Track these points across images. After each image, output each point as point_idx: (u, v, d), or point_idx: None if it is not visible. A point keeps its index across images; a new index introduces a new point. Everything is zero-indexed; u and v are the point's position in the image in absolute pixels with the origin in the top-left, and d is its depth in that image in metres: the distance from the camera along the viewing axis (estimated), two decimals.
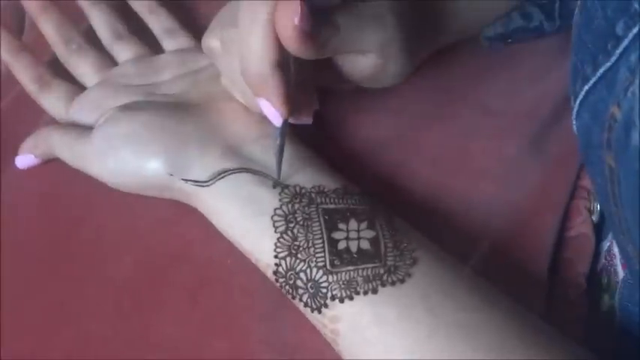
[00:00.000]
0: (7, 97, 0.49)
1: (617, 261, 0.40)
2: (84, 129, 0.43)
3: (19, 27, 0.54)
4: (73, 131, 0.43)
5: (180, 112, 0.41)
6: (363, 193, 0.38)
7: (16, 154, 0.45)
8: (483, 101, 0.47)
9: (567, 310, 0.40)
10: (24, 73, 0.47)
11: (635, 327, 0.38)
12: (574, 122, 0.38)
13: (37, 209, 0.44)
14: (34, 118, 0.47)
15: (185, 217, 0.42)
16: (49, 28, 0.48)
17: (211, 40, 0.39)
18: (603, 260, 0.42)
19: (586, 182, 0.44)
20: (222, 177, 0.38)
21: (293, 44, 0.33)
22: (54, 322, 0.40)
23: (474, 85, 0.47)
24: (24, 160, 0.45)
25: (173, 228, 0.42)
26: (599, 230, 0.43)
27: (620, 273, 0.40)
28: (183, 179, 0.39)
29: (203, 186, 0.39)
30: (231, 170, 0.38)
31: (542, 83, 0.47)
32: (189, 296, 0.40)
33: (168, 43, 0.48)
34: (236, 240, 0.38)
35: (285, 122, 0.37)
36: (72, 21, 0.49)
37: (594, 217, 0.43)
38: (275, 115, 0.36)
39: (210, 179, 0.38)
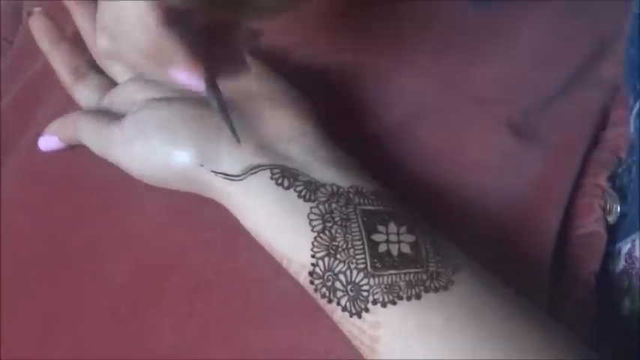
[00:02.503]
0: (7, 97, 0.49)
1: (639, 264, 0.40)
2: (115, 116, 0.42)
3: (16, 25, 0.54)
4: (103, 117, 0.42)
5: None
6: (398, 196, 0.37)
7: (15, 153, 0.45)
8: (476, 91, 0.46)
9: (576, 308, 0.41)
10: (61, 63, 0.45)
11: None
12: (632, 121, 0.37)
13: (33, 216, 0.44)
14: (34, 118, 0.47)
15: (182, 223, 0.41)
16: None
17: (101, 42, 0.34)
18: (623, 263, 0.42)
19: (601, 180, 0.44)
20: (255, 172, 0.37)
21: None
22: (51, 330, 0.39)
23: (466, 74, 0.47)
24: (47, 141, 0.44)
25: (169, 233, 0.41)
26: (615, 231, 0.43)
27: None
28: (213, 171, 0.37)
29: (234, 180, 0.37)
30: (264, 165, 0.37)
31: (535, 71, 0.47)
32: (187, 302, 0.39)
33: None
34: (266, 239, 0.37)
35: (211, 85, 0.33)
36: None
37: (611, 218, 0.43)
38: (192, 80, 0.32)
39: (242, 173, 0.37)
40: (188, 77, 0.32)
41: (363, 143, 0.44)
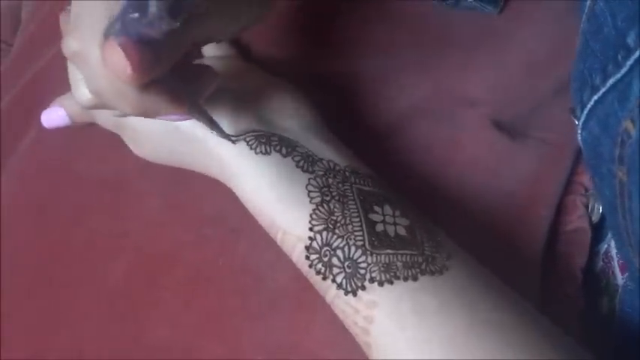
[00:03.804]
0: (7, 97, 0.49)
1: (615, 263, 0.41)
2: None
3: (15, 28, 0.54)
4: None
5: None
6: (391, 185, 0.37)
7: (15, 154, 0.44)
8: (470, 92, 0.46)
9: (564, 303, 0.41)
10: None
11: (636, 332, 0.38)
12: (580, 132, 0.38)
13: (31, 215, 0.44)
14: (34, 119, 0.45)
15: (178, 220, 0.41)
16: None
17: (83, 93, 0.32)
18: (601, 263, 0.43)
19: (584, 179, 0.45)
20: (252, 136, 0.36)
21: (136, 82, 0.27)
22: (49, 326, 0.39)
23: (461, 76, 0.47)
24: (51, 114, 0.41)
25: (165, 231, 0.41)
26: (598, 230, 0.44)
27: (619, 276, 0.41)
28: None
29: (231, 141, 0.36)
30: (262, 131, 0.36)
31: (528, 74, 0.47)
32: (182, 298, 0.39)
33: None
34: (259, 207, 0.36)
35: (196, 109, 0.32)
36: None
37: (594, 217, 0.43)
38: (181, 117, 0.33)
39: (238, 135, 0.36)
40: (177, 117, 0.32)
41: (361, 140, 0.43)
